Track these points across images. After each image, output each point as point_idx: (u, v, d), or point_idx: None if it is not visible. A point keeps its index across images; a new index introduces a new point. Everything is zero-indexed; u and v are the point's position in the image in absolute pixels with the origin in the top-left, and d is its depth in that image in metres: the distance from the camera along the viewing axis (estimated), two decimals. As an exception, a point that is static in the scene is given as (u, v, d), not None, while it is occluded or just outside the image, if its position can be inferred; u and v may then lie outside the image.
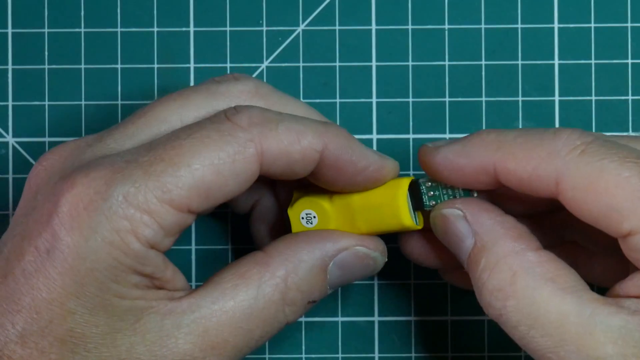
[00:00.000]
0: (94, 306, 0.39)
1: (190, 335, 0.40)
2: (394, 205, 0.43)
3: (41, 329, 0.38)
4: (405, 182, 0.43)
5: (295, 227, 0.45)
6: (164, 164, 0.39)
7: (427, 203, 0.43)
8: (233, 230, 0.50)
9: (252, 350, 0.41)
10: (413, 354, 0.50)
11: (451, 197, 0.43)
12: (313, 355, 0.50)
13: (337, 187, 0.43)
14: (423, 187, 0.43)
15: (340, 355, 0.50)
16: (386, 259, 0.45)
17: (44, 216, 0.39)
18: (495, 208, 0.42)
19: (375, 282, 0.50)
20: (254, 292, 0.41)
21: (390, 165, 0.43)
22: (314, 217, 0.44)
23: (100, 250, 0.38)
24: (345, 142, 0.42)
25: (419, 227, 0.44)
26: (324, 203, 0.44)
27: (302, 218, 0.44)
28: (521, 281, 0.39)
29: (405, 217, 0.43)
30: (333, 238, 0.43)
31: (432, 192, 0.43)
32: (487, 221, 0.41)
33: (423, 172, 0.43)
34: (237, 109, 0.41)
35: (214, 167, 0.40)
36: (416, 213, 0.44)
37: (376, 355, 0.50)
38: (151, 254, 0.40)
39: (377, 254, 0.44)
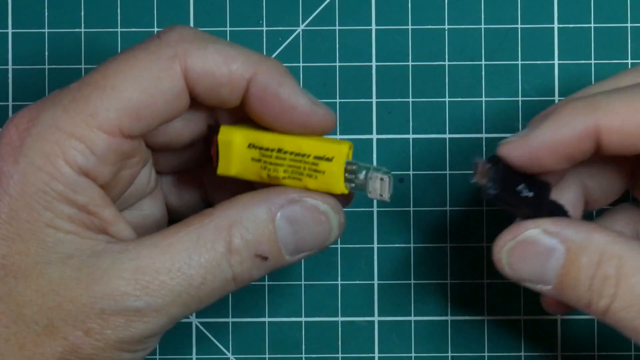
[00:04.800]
0: (26, 233, 0.39)
1: (124, 272, 0.39)
2: (332, 167, 0.41)
3: None
4: (345, 147, 0.41)
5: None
6: (91, 88, 0.39)
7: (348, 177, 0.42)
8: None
9: (196, 303, 0.40)
10: (413, 354, 0.50)
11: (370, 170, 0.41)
12: (313, 355, 0.50)
13: (266, 122, 0.41)
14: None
15: (340, 355, 0.50)
16: (341, 221, 0.42)
17: None
18: (564, 218, 0.41)
19: (375, 282, 0.50)
20: (194, 236, 0.40)
21: (321, 112, 0.41)
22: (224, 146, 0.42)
23: (31, 174, 0.39)
24: (277, 76, 0.41)
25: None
26: (236, 132, 0.42)
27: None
28: (629, 263, 0.39)
29: (339, 182, 0.41)
30: (280, 190, 0.41)
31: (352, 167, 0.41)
32: (569, 225, 0.40)
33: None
34: (171, 28, 0.41)
35: (140, 85, 0.39)
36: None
37: (376, 355, 0.50)
38: (83, 182, 0.39)
39: (326, 206, 0.41)
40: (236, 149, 0.42)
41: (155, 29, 0.50)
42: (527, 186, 0.41)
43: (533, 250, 0.40)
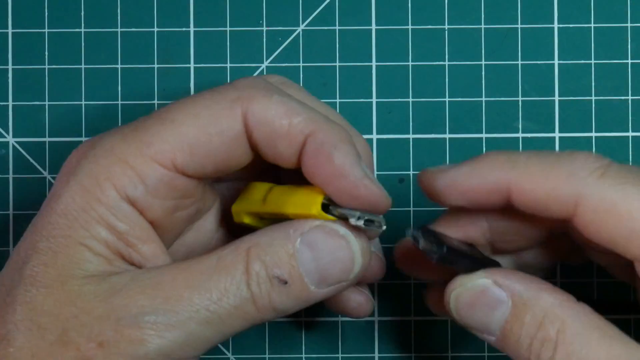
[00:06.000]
0: (58, 247, 0.39)
1: (144, 288, 0.39)
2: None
3: (13, 269, 0.40)
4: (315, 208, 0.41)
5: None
6: (153, 120, 0.40)
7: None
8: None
9: (217, 322, 0.39)
10: (413, 354, 0.50)
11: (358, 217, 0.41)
12: (313, 355, 0.50)
13: (318, 185, 0.41)
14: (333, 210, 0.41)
15: (340, 355, 0.50)
16: (365, 249, 0.41)
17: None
18: (515, 271, 0.41)
19: (376, 283, 0.50)
20: (214, 258, 0.40)
21: (373, 189, 0.40)
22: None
23: (77, 193, 0.39)
24: (335, 139, 0.40)
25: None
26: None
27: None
28: (570, 329, 0.39)
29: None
30: (304, 220, 0.41)
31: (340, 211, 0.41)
32: (520, 280, 0.40)
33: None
34: (247, 77, 0.41)
35: (198, 122, 0.40)
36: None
37: (376, 355, 0.50)
38: (127, 209, 0.40)
39: (346, 230, 0.40)
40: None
41: (155, 29, 0.50)
42: (458, 244, 0.41)
43: (481, 299, 0.40)
